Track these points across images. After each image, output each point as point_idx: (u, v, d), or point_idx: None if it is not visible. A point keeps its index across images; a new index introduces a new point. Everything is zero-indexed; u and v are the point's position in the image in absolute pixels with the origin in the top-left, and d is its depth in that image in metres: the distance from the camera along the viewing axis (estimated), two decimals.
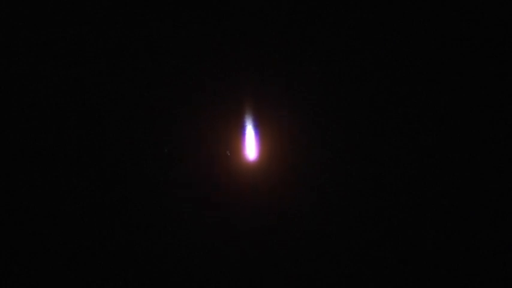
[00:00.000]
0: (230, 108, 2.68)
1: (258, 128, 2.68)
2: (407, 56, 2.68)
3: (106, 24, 2.70)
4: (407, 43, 2.68)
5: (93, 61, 2.70)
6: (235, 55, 2.68)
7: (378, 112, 2.69)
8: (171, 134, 2.70)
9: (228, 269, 2.68)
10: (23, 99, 2.71)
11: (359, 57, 2.69)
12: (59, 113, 2.71)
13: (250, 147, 2.69)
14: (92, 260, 2.66)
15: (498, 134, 2.65)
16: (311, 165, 2.70)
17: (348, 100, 2.70)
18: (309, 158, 2.70)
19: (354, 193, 2.69)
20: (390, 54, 2.68)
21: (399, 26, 2.68)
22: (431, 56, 2.68)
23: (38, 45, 2.71)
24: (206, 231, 2.69)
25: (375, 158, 2.68)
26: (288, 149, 2.69)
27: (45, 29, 2.71)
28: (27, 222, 2.68)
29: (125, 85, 2.70)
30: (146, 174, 2.70)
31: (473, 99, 2.67)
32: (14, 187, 2.69)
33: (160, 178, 2.70)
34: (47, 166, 2.69)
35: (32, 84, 2.71)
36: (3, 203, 2.68)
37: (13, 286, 2.64)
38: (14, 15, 2.71)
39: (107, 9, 2.70)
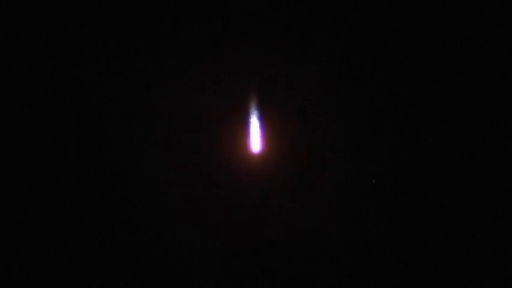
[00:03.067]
0: (230, 108, 2.68)
1: (258, 127, 2.68)
2: (407, 56, 2.68)
3: (106, 24, 2.70)
4: (408, 43, 2.68)
5: (93, 61, 2.70)
6: (235, 55, 2.68)
7: (378, 112, 2.69)
8: (172, 133, 2.70)
9: (228, 268, 2.68)
10: (23, 99, 2.71)
11: (359, 57, 2.69)
12: (59, 113, 2.70)
13: (250, 147, 2.69)
14: (92, 260, 2.66)
15: (498, 134, 2.65)
16: (311, 165, 2.70)
17: (348, 100, 2.70)
18: (309, 158, 2.70)
19: (354, 193, 2.69)
20: (390, 54, 2.68)
21: (399, 26, 2.68)
22: (431, 56, 2.68)
23: (38, 45, 2.71)
24: (206, 230, 2.69)
25: (374, 158, 2.68)
26: (287, 149, 2.69)
27: (45, 29, 2.70)
28: (27, 222, 2.67)
29: (125, 85, 2.70)
30: (146, 174, 2.70)
31: (473, 99, 2.67)
32: (14, 187, 2.68)
33: (160, 178, 2.70)
34: (47, 166, 2.69)
35: (32, 84, 2.71)
36: (3, 203, 2.68)
37: (13, 286, 2.64)
38: (14, 15, 2.71)
39: (107, 9, 2.70)
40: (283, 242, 2.68)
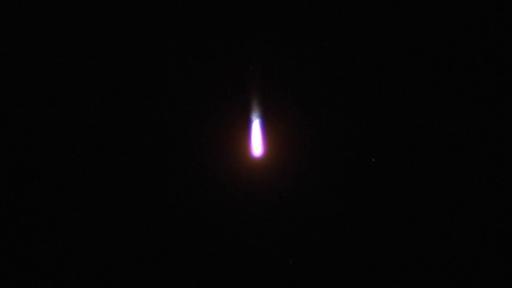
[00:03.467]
0: (233, 107, 2.69)
1: (259, 127, 2.69)
2: (407, 56, 2.69)
3: (106, 24, 2.70)
4: (407, 43, 2.69)
5: (93, 61, 2.70)
6: (238, 55, 2.69)
7: (378, 114, 2.69)
8: (175, 133, 2.71)
9: (230, 267, 2.68)
10: (23, 99, 2.71)
11: (359, 57, 2.70)
12: (59, 113, 2.71)
13: (253, 146, 2.69)
14: (91, 260, 2.67)
15: (498, 134, 2.66)
16: (311, 165, 2.71)
17: (348, 100, 2.70)
18: (310, 157, 2.71)
19: (353, 193, 2.70)
20: (390, 54, 2.69)
21: (399, 26, 2.69)
22: (431, 56, 2.69)
23: (38, 45, 2.71)
24: (208, 229, 2.70)
25: (375, 159, 2.69)
26: (288, 149, 2.70)
27: (45, 29, 2.71)
28: (27, 222, 2.67)
29: (127, 86, 2.70)
30: (148, 177, 2.70)
31: (473, 99, 2.68)
32: (13, 187, 2.68)
33: (165, 177, 2.70)
34: (46, 166, 2.69)
35: (32, 84, 2.71)
36: (3, 202, 2.68)
37: (13, 286, 2.64)
38: (14, 15, 2.71)
39: (107, 9, 2.70)
40: (283, 239, 2.69)
